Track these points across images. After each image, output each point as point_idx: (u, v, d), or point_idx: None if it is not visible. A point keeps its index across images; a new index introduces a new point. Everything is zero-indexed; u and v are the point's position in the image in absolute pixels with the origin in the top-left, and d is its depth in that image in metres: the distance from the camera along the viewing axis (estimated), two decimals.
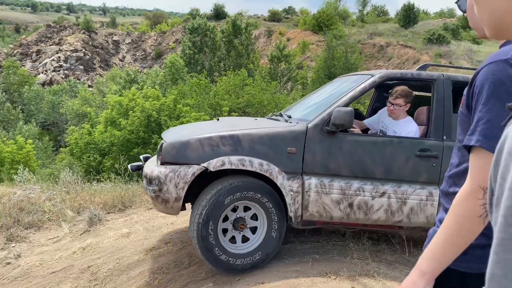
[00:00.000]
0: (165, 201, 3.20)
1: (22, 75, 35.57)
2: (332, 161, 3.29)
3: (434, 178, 3.38)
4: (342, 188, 3.28)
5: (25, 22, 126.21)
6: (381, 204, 3.31)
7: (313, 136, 3.27)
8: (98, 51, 47.39)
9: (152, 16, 59.57)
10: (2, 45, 57.13)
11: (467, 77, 3.60)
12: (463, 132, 1.24)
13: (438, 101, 3.49)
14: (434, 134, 3.44)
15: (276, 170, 3.22)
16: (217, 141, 3.21)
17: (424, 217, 3.35)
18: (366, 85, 3.50)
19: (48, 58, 43.88)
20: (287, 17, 51.38)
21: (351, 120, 3.14)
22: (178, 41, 44.81)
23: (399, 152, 3.34)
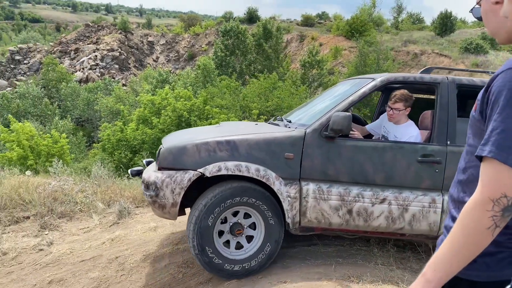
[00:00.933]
0: (162, 207, 3.21)
1: (60, 72, 36.81)
2: (330, 166, 3.22)
3: (437, 185, 3.27)
4: (341, 194, 3.22)
5: (65, 21, 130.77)
6: (382, 210, 3.23)
7: (311, 141, 3.22)
8: (133, 51, 48.54)
9: (187, 18, 60.50)
10: (43, 43, 59.35)
11: (472, 80, 3.51)
12: (474, 136, 1.23)
13: (442, 105, 3.39)
14: (438, 139, 3.33)
15: (273, 175, 3.18)
16: (214, 146, 3.20)
17: (427, 225, 3.26)
18: (366, 90, 3.43)
19: (85, 57, 45.29)
20: (320, 22, 51.14)
21: (349, 125, 3.08)
22: (211, 43, 45.35)
23: (400, 157, 3.25)
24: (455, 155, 3.24)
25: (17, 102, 28.54)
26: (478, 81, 3.49)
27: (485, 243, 1.06)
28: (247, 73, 32.46)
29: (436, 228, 3.26)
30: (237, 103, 18.21)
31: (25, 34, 69.24)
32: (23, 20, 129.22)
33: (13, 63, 46.77)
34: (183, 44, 49.79)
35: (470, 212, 1.07)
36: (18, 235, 4.78)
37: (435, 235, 3.29)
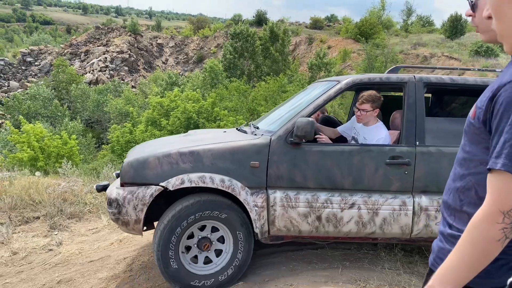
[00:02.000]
0: (126, 224, 3.14)
1: (70, 74, 37.15)
2: (297, 173, 3.15)
3: (407, 187, 3.20)
4: (309, 201, 3.14)
5: (76, 23, 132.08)
6: (351, 216, 3.16)
7: (277, 148, 3.15)
8: (142, 53, 48.87)
9: (196, 21, 60.79)
10: (54, 45, 60.00)
11: (441, 78, 3.39)
12: (470, 143, 1.22)
13: (410, 105, 3.30)
14: (406, 140, 3.25)
15: (239, 185, 3.09)
16: (177, 158, 3.11)
17: (399, 228, 3.19)
18: (331, 93, 3.33)
19: (95, 58, 45.70)
20: (329, 25, 51.06)
21: (312, 130, 3.02)
22: (220, 46, 45.51)
23: (368, 160, 3.18)
24: (424, 156, 3.20)
25: (28, 103, 28.86)
26: (447, 79, 3.38)
27: (494, 254, 1.06)
28: (255, 75, 32.54)
29: (408, 231, 3.20)
30: (245, 106, 18.25)
31: (36, 36, 70.09)
32: (35, 22, 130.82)
33: (24, 64, 47.34)
34: (192, 47, 50.02)
35: (480, 224, 1.06)
36: (28, 235, 4.84)
37: (408, 237, 3.24)
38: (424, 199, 3.19)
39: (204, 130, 4.46)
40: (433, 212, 3.18)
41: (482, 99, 1.17)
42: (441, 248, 1.27)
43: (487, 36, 1.24)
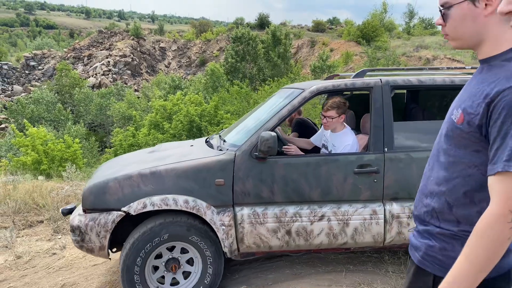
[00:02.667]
0: (90, 251, 3.06)
1: (73, 78, 37.29)
2: (264, 188, 3.06)
3: (377, 195, 3.13)
4: (277, 216, 3.07)
5: (79, 27, 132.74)
6: (322, 228, 3.09)
7: (242, 163, 3.05)
8: (145, 57, 49.04)
9: (198, 25, 60.97)
10: (57, 49, 60.30)
11: (408, 80, 3.29)
12: (457, 147, 1.26)
13: (377, 110, 3.20)
14: (374, 147, 3.16)
15: (204, 205, 3.00)
16: (138, 180, 3.01)
17: (371, 237, 3.13)
18: (296, 103, 3.23)
19: (98, 62, 45.89)
20: (331, 28, 51.13)
21: (275, 146, 2.94)
22: (222, 49, 45.62)
23: (335, 171, 3.09)
24: (393, 162, 3.12)
25: (31, 107, 28.97)
26: (414, 81, 3.29)
27: (503, 252, 1.10)
28: (258, 79, 32.61)
29: (380, 239, 3.14)
30: (246, 109, 18.28)
31: (40, 41, 70.44)
32: (38, 26, 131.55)
33: (27, 69, 47.58)
34: (194, 50, 50.16)
35: (491, 226, 1.08)
36: (32, 239, 4.85)
37: (381, 245, 3.19)
38: (395, 206, 3.12)
39: (172, 143, 4.26)
40: (405, 219, 3.11)
41: (472, 105, 1.20)
42: (429, 246, 1.32)
43: (457, 43, 1.31)
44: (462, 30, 1.26)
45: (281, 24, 49.92)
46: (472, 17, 1.22)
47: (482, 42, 1.25)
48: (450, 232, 1.28)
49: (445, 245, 1.28)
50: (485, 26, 1.22)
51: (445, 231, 1.29)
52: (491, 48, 1.23)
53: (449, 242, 1.27)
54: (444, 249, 1.28)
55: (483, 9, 1.20)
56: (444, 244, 1.29)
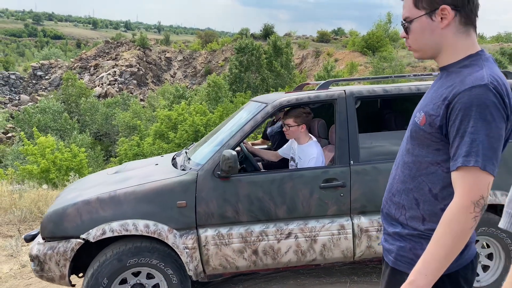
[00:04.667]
0: (51, 280, 2.97)
1: (80, 87, 37.62)
2: (228, 208, 2.96)
3: (344, 209, 3.05)
4: (243, 236, 2.97)
5: (86, 38, 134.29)
6: (289, 245, 3.00)
7: (204, 184, 2.95)
8: (151, 67, 49.43)
9: (204, 35, 61.50)
10: (64, 59, 60.98)
11: (372, 90, 3.25)
12: (420, 147, 1.38)
13: (341, 123, 3.13)
14: (340, 160, 3.08)
15: (166, 229, 2.88)
16: (96, 205, 2.91)
17: (340, 252, 3.05)
18: (258, 118, 3.14)
19: (104, 72, 46.29)
20: (335, 38, 51.35)
21: (236, 165, 2.85)
22: (227, 59, 45.89)
23: (301, 186, 3.00)
24: (360, 175, 3.05)
25: (38, 116, 29.22)
26: (379, 90, 3.25)
27: (467, 240, 1.22)
28: (261, 89, 32.75)
29: (350, 254, 3.07)
30: None
31: (47, 51, 71.27)
32: (46, 37, 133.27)
33: (35, 78, 48.08)
34: (200, 60, 50.51)
35: (456, 216, 1.20)
36: None
37: (352, 260, 3.13)
38: (363, 220, 3.06)
39: (137, 162, 4.12)
40: (374, 232, 3.06)
41: (433, 107, 1.32)
42: (401, 247, 1.43)
43: (419, 54, 1.43)
44: (423, 42, 1.38)
45: (285, 35, 50.25)
46: (430, 30, 1.34)
47: (441, 52, 1.37)
48: (417, 232, 1.39)
49: (414, 245, 1.39)
50: (442, 38, 1.34)
51: (413, 232, 1.40)
52: (449, 57, 1.36)
53: (417, 242, 1.38)
54: (414, 248, 1.38)
55: (440, 22, 1.32)
56: (414, 244, 1.39)
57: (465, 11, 1.30)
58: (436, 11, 1.31)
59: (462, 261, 1.35)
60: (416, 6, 1.35)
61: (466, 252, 1.36)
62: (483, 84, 1.21)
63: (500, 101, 1.21)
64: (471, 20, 1.32)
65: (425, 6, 1.33)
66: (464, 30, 1.32)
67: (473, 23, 1.33)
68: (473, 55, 1.33)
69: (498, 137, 1.21)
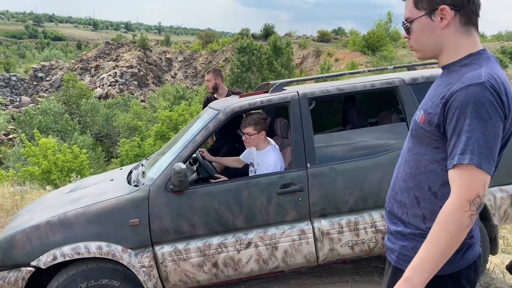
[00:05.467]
0: None
1: (80, 89, 37.67)
2: (184, 222, 2.88)
3: (304, 214, 3.00)
4: (201, 250, 2.90)
5: (86, 39, 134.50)
6: (250, 255, 2.94)
7: (157, 199, 2.86)
8: (151, 67, 49.48)
9: (204, 36, 61.54)
10: (65, 60, 61.05)
11: (326, 90, 3.20)
12: (419, 145, 1.39)
13: (296, 126, 3.08)
14: (296, 164, 3.03)
15: (120, 249, 2.79)
16: (46, 230, 2.81)
17: (302, 257, 3.02)
18: (210, 127, 3.07)
19: (105, 73, 46.35)
20: (336, 38, 51.33)
21: (186, 180, 2.78)
22: (228, 59, 45.92)
23: (257, 194, 2.94)
24: (317, 178, 3.00)
25: (39, 118, 29.27)
26: (333, 89, 3.21)
27: (462, 239, 1.22)
28: None
29: (313, 258, 3.04)
30: None
31: (48, 52, 71.38)
32: (46, 38, 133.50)
33: (36, 80, 48.16)
34: (200, 61, 50.55)
35: (452, 215, 1.20)
36: None
37: (316, 264, 3.10)
38: (324, 223, 3.01)
39: (93, 178, 3.99)
40: (336, 235, 3.01)
41: (431, 105, 1.33)
42: (403, 246, 1.43)
43: (420, 54, 1.43)
44: (423, 42, 1.39)
45: (286, 35, 50.24)
46: (430, 30, 1.35)
47: (442, 51, 1.38)
48: (419, 231, 1.39)
49: (416, 244, 1.38)
50: (442, 37, 1.35)
51: (415, 231, 1.40)
52: (450, 56, 1.36)
53: (419, 241, 1.36)
54: (416, 247, 1.37)
55: (439, 23, 1.33)
56: (416, 243, 1.38)
57: (465, 11, 1.30)
58: (436, 11, 1.32)
59: (465, 261, 1.35)
60: (416, 6, 1.36)
61: (469, 252, 1.36)
62: (480, 82, 1.22)
63: (497, 99, 1.21)
64: (471, 20, 1.32)
65: (425, 6, 1.34)
66: (464, 30, 1.32)
67: (474, 23, 1.33)
68: (473, 54, 1.33)
69: (494, 136, 1.21)
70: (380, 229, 3.05)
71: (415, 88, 3.22)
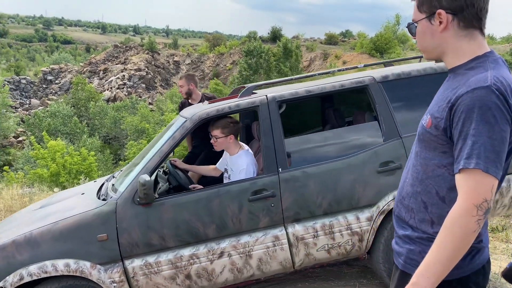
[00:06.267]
0: None
1: (89, 91, 37.98)
2: (153, 235, 2.83)
3: (277, 220, 2.94)
4: (172, 262, 2.85)
5: (95, 42, 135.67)
6: (223, 265, 2.90)
7: (124, 213, 2.81)
8: (159, 70, 49.75)
9: (212, 39, 61.77)
10: (74, 63, 61.59)
11: (295, 92, 3.16)
12: (427, 149, 1.37)
13: (265, 130, 3.03)
14: (268, 169, 2.97)
15: (88, 265, 2.74)
16: (12, 250, 2.75)
17: (278, 264, 2.97)
18: (177, 136, 3.01)
19: (113, 76, 46.68)
20: (343, 41, 51.31)
21: (150, 193, 2.73)
22: (235, 62, 46.05)
23: (228, 202, 2.89)
24: (289, 183, 2.95)
25: (48, 120, 29.53)
26: (302, 92, 3.16)
27: (470, 244, 1.21)
28: None
29: (289, 264, 3.00)
30: None
31: (57, 55, 72.12)
32: (56, 41, 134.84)
33: (45, 83, 48.64)
34: (208, 64, 50.74)
35: (458, 219, 1.19)
36: None
37: (293, 270, 3.04)
38: (298, 228, 2.96)
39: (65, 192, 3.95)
40: (311, 239, 2.96)
41: (438, 109, 1.31)
42: (410, 250, 1.42)
43: (425, 55, 1.44)
44: (425, 44, 1.40)
45: (293, 37, 50.25)
46: (430, 33, 1.36)
47: (445, 54, 1.38)
48: (427, 235, 1.38)
49: (424, 248, 1.36)
50: (442, 41, 1.35)
51: (422, 235, 1.39)
52: (455, 59, 1.36)
53: (426, 245, 1.34)
54: (423, 251, 1.35)
55: (438, 26, 1.33)
56: (423, 247, 1.37)
57: (463, 15, 1.29)
58: (434, 15, 1.33)
59: (473, 266, 1.33)
60: (419, 9, 1.37)
61: (478, 257, 1.34)
62: (486, 85, 1.20)
63: (503, 102, 1.19)
64: (472, 24, 1.30)
65: (425, 10, 1.35)
66: (465, 33, 1.31)
67: (476, 26, 1.31)
68: (479, 57, 1.31)
69: (501, 140, 1.19)
70: (356, 231, 3.00)
71: (386, 85, 3.18)
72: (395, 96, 3.16)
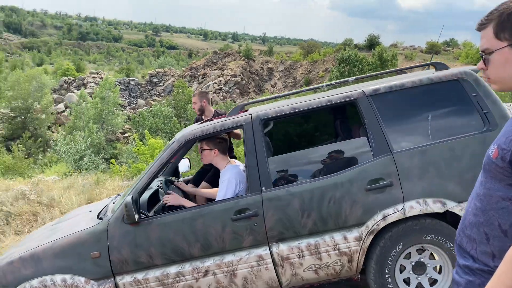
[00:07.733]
0: None
1: (188, 95, 40.35)
2: (141, 253, 2.95)
3: (260, 239, 2.91)
4: (159, 279, 2.95)
5: (197, 48, 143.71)
6: (209, 283, 2.94)
7: (115, 232, 2.97)
8: (253, 77, 51.24)
9: (306, 46, 61.97)
10: (177, 68, 65.95)
11: (280, 110, 3.09)
12: (493, 180, 1.30)
13: (249, 149, 3.01)
14: (252, 188, 2.97)
15: (83, 281, 2.93)
16: (18, 265, 3.01)
17: (264, 283, 2.93)
18: (165, 157, 3.10)
19: (211, 81, 49.15)
20: (447, 50, 48.18)
21: (131, 213, 2.83)
22: (328, 70, 45.70)
23: (212, 222, 2.92)
24: (273, 202, 2.90)
25: (151, 119, 32.06)
26: (287, 109, 3.09)
27: None
28: None
29: (275, 284, 2.95)
30: None
31: (163, 60, 77.81)
32: (162, 47, 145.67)
33: (150, 85, 52.82)
34: (300, 71, 51.00)
35: None
36: None
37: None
38: (282, 247, 2.91)
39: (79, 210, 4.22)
40: (296, 259, 2.90)
41: (505, 141, 1.26)
42: (470, 281, 1.37)
43: (498, 86, 1.35)
44: (504, 74, 1.31)
45: (391, 45, 48.46)
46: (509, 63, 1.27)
47: None
48: (488, 268, 1.33)
49: (483, 281, 1.32)
50: None
51: (483, 267, 1.34)
52: None
53: (487, 278, 1.31)
54: (482, 284, 1.31)
55: None
56: (483, 280, 1.33)
57: None
58: None
59: None
60: (498, 37, 1.29)
61: None
62: None
63: None
64: None
65: (508, 37, 1.27)
66: None
67: None
68: None
69: None
70: (344, 251, 2.91)
71: (376, 99, 3.04)
72: (387, 110, 3.05)
